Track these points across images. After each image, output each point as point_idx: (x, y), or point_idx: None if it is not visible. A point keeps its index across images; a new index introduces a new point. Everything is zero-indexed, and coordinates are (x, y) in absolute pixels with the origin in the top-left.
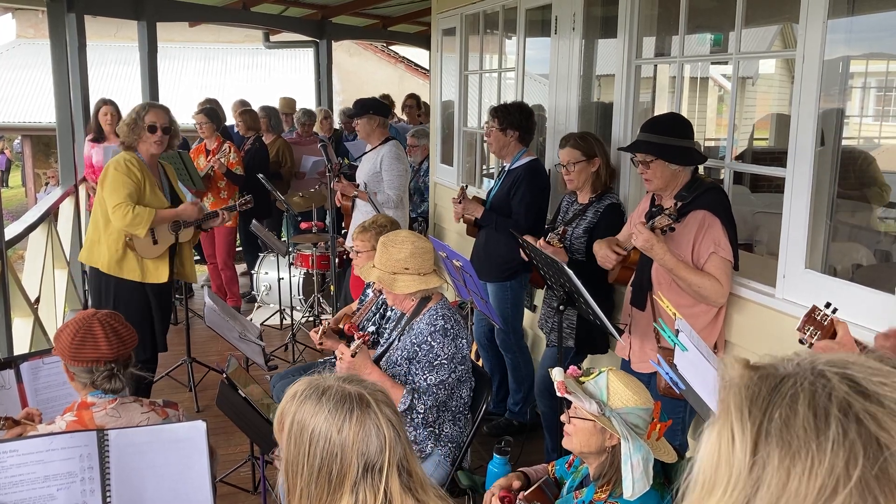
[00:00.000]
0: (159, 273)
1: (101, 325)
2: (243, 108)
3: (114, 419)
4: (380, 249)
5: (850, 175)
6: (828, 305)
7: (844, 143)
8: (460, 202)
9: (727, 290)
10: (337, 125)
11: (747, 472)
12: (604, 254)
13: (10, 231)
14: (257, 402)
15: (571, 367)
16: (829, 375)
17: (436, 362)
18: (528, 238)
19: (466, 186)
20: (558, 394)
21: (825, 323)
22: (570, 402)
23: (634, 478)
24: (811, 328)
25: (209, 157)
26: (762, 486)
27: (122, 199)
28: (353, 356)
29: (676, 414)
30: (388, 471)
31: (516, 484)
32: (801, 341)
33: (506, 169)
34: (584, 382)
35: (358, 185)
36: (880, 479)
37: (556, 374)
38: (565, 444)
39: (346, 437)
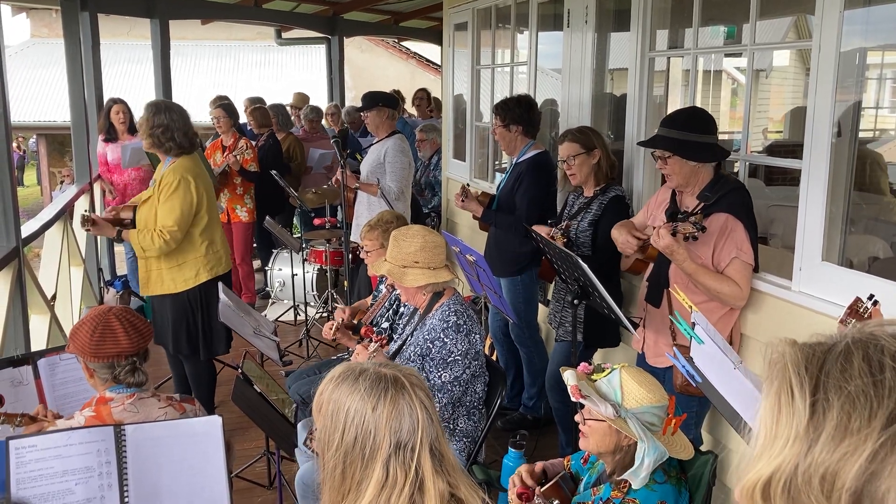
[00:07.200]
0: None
1: (118, 319)
2: (253, 106)
3: (132, 414)
4: (391, 243)
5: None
6: (870, 298)
7: (861, 135)
8: (463, 201)
9: (746, 294)
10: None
11: (807, 421)
12: (624, 239)
13: (27, 229)
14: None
15: (582, 363)
16: (878, 335)
17: (449, 359)
18: (542, 230)
19: (469, 185)
20: (573, 398)
21: (865, 315)
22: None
23: (642, 476)
24: (853, 321)
25: (226, 153)
26: (824, 432)
27: None
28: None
29: (689, 408)
30: (419, 450)
31: (539, 466)
32: None
33: (513, 163)
34: (596, 380)
35: (359, 177)
36: None
37: (569, 377)
38: (581, 445)
39: (380, 415)
